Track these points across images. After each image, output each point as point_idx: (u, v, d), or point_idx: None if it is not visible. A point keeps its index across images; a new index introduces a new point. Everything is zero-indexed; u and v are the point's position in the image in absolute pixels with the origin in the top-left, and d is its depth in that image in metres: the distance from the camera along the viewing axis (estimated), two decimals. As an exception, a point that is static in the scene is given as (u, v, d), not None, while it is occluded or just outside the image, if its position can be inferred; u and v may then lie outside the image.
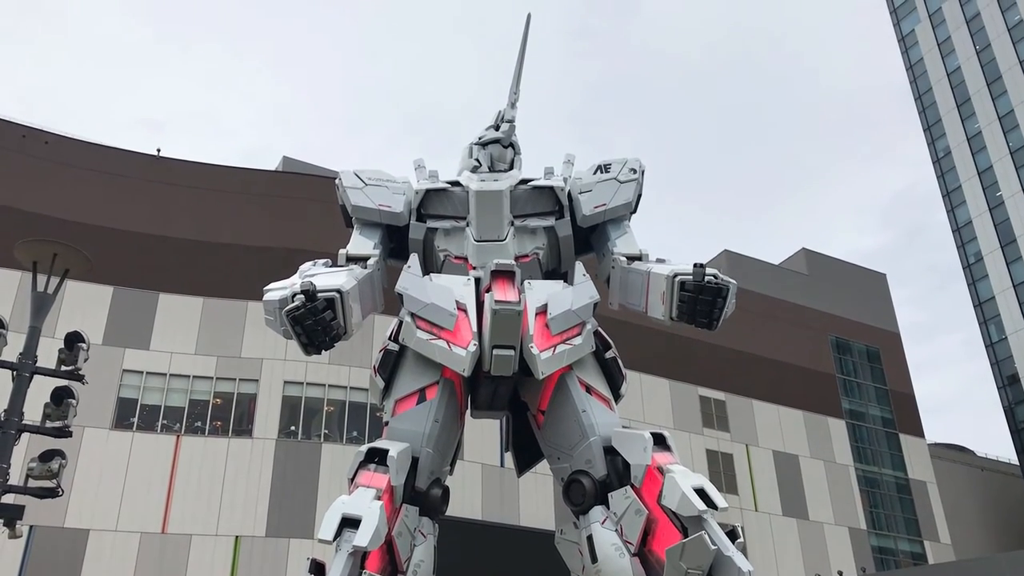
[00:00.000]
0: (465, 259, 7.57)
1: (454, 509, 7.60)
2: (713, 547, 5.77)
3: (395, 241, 7.92)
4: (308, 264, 7.20)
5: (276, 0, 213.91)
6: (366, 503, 5.94)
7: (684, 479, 6.21)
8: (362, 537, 5.71)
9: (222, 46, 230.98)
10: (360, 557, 5.82)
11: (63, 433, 15.50)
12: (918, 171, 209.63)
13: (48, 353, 15.97)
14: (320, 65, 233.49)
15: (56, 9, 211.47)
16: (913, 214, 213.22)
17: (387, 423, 7.03)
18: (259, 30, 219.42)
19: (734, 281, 6.92)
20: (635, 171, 7.98)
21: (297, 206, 39.07)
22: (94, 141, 41.19)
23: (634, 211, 8.05)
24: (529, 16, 8.14)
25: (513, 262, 7.19)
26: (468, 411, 7.52)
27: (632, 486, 6.43)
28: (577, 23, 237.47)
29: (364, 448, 6.53)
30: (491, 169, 8.04)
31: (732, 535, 6.06)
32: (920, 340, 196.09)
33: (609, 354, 7.35)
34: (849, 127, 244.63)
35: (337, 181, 8.00)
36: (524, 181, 7.96)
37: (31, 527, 27.85)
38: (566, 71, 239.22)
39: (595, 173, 8.01)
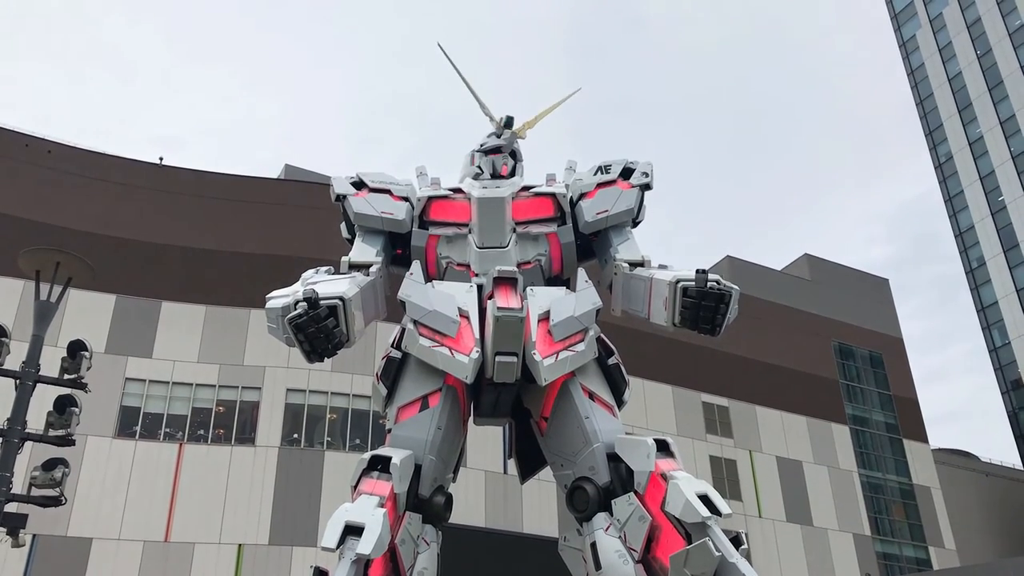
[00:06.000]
0: (467, 266, 7.58)
1: (457, 516, 7.58)
2: (717, 553, 5.77)
3: (397, 248, 7.94)
4: (310, 272, 7.21)
5: (292, 18, 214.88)
6: (369, 511, 5.93)
7: (688, 485, 6.19)
8: (365, 545, 5.70)
9: (238, 64, 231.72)
10: (363, 565, 5.82)
11: (66, 442, 15.51)
12: (925, 182, 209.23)
13: (51, 362, 15.99)
14: (337, 81, 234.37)
15: (69, 28, 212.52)
16: (921, 225, 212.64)
17: (390, 430, 7.03)
18: (277, 48, 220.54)
19: (737, 287, 6.91)
20: (647, 174, 8.00)
21: (299, 214, 39.09)
22: (96, 150, 41.29)
23: (638, 220, 8.05)
24: (440, 45, 8.74)
25: (515, 269, 7.19)
26: (471, 418, 7.52)
27: (636, 492, 6.42)
28: (581, 38, 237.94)
29: (367, 456, 6.53)
30: (493, 176, 8.06)
31: (736, 541, 6.06)
32: (928, 351, 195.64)
33: (612, 360, 7.35)
34: (855, 139, 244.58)
35: (332, 187, 8.00)
36: (526, 188, 7.98)
37: (34, 536, 27.86)
38: (569, 85, 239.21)
39: (596, 174, 8.02)
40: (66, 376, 15.81)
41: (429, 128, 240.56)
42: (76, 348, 15.93)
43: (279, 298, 6.72)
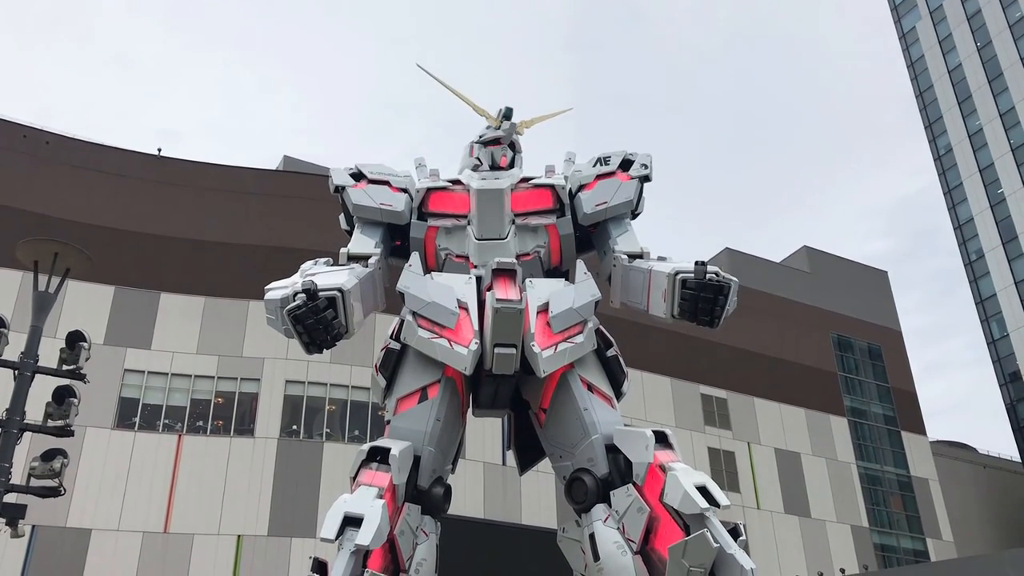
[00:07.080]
0: (466, 257, 7.57)
1: (456, 507, 7.60)
2: (715, 545, 5.78)
3: (396, 239, 7.92)
4: (309, 263, 7.20)
5: (296, 12, 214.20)
6: (368, 502, 5.95)
7: (686, 477, 6.21)
8: (364, 536, 5.72)
9: (241, 58, 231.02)
10: (362, 556, 5.84)
11: (65, 432, 15.49)
12: (925, 175, 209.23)
13: (50, 353, 15.96)
14: (340, 75, 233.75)
15: (69, 26, 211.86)
16: (921, 219, 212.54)
17: (389, 422, 7.04)
18: (280, 42, 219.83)
19: (735, 279, 6.92)
20: (646, 166, 7.98)
21: (298, 205, 39.04)
22: (95, 141, 41.19)
23: (637, 211, 8.04)
24: (419, 65, 8.87)
25: (514, 260, 7.20)
26: (470, 410, 7.53)
27: (634, 484, 6.44)
28: (581, 33, 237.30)
29: (366, 447, 6.55)
30: (492, 168, 8.04)
31: (734, 533, 6.07)
32: (927, 343, 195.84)
33: (610, 352, 7.35)
34: (855, 131, 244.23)
35: (331, 179, 7.98)
36: (525, 179, 7.97)
37: (33, 527, 27.86)
38: (569, 79, 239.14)
39: (595, 165, 8.00)
40: (65, 367, 15.77)
41: (430, 122, 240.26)
42: (75, 339, 15.88)
43: (278, 289, 6.70)
